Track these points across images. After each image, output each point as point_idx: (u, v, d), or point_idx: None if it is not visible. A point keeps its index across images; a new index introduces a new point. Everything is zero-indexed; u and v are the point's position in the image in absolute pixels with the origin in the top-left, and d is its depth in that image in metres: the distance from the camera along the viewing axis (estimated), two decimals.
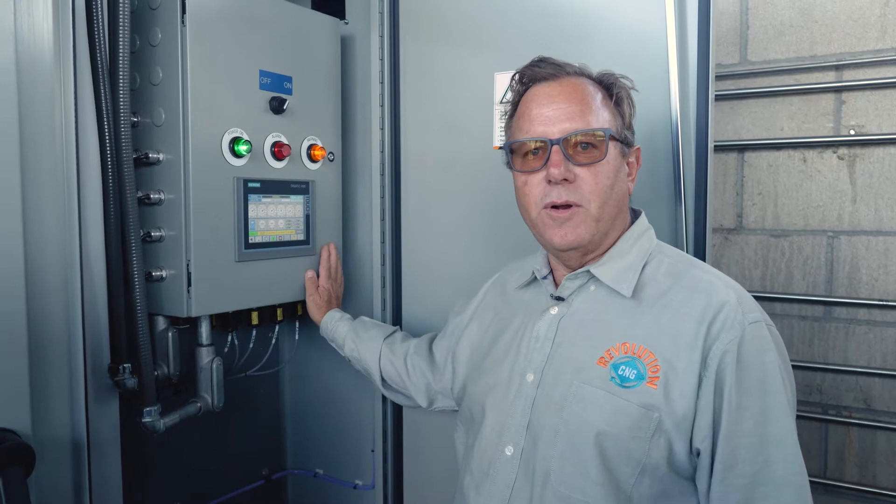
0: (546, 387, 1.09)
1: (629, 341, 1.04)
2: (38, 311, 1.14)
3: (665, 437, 0.99)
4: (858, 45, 2.05)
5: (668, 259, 1.12)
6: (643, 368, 1.01)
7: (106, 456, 1.34)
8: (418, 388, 1.51)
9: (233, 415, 1.79)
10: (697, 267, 1.11)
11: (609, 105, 1.11)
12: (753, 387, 0.97)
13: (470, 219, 1.68)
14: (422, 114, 1.74)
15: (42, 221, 1.16)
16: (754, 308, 1.03)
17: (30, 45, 1.12)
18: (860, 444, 2.12)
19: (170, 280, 1.44)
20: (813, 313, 2.16)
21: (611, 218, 1.11)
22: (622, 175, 1.12)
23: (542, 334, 1.14)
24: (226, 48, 1.46)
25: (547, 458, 1.05)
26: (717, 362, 0.98)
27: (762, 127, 2.18)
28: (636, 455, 0.99)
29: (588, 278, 1.13)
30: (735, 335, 0.98)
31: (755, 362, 0.98)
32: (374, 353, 1.57)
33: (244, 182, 1.50)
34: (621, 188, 1.11)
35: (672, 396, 0.99)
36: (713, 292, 1.03)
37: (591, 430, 1.01)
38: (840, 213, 2.11)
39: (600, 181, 1.07)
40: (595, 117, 1.08)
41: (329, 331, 1.65)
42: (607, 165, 1.08)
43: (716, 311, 1.01)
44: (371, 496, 1.87)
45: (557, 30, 1.52)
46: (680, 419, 0.98)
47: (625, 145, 1.13)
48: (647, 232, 1.17)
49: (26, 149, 1.11)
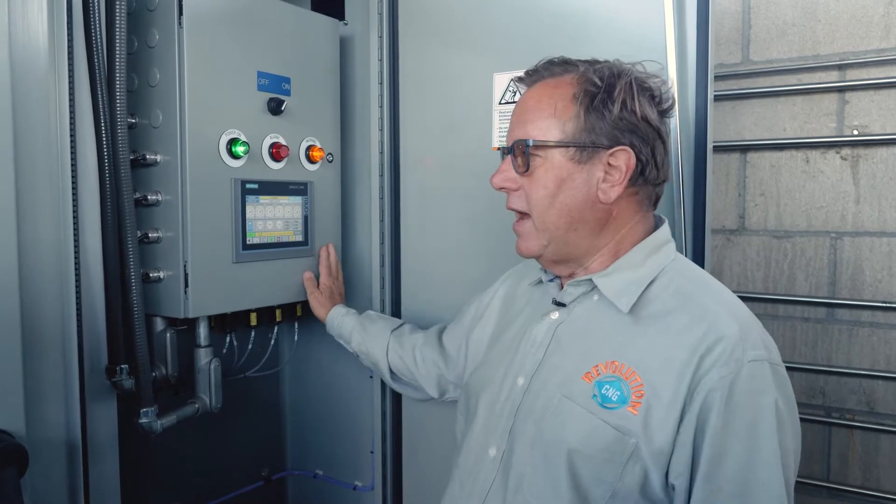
0: (532, 394, 1.07)
1: (618, 360, 1.00)
2: (32, 312, 1.14)
3: (641, 465, 0.94)
4: (862, 44, 2.03)
5: (681, 278, 1.05)
6: (627, 391, 0.97)
7: (104, 457, 1.34)
8: (428, 379, 1.49)
9: (233, 415, 1.79)
10: (708, 292, 1.03)
11: (574, 109, 1.03)
12: (741, 430, 0.91)
13: (469, 219, 1.67)
14: (421, 114, 1.73)
15: (37, 222, 1.16)
16: (758, 344, 0.95)
17: (24, 47, 1.12)
18: (863, 447, 2.11)
19: (167, 281, 1.45)
20: (816, 315, 2.15)
21: (562, 228, 1.05)
22: (577, 182, 1.03)
23: (538, 339, 1.11)
24: (223, 49, 1.46)
25: (521, 466, 1.03)
26: (703, 399, 0.92)
27: (764, 127, 2.17)
28: (608, 478, 0.96)
29: (591, 287, 1.08)
30: (728, 372, 0.92)
31: (748, 403, 0.92)
32: (381, 345, 1.55)
33: (242, 183, 1.50)
34: (573, 196, 1.04)
35: (651, 425, 0.94)
36: (715, 322, 0.96)
37: (564, 447, 0.99)
38: (843, 213, 2.10)
39: (536, 190, 1.05)
40: (535, 125, 1.04)
41: (336, 326, 1.63)
42: (546, 174, 1.03)
43: (712, 343, 0.94)
44: (370, 497, 1.87)
45: (556, 30, 1.52)
46: (657, 451, 0.94)
47: (582, 150, 1.02)
48: (666, 246, 1.09)
49: (21, 150, 1.11)
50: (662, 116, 1.06)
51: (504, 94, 1.59)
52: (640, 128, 1.02)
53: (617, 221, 1.07)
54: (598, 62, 1.07)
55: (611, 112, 1.01)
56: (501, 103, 1.59)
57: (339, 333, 1.63)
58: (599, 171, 1.03)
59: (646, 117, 1.02)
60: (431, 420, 1.75)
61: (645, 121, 1.02)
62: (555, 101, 1.04)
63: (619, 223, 1.07)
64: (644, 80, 1.04)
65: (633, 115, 1.02)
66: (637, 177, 1.04)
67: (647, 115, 1.02)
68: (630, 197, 1.06)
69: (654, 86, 1.05)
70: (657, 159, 1.05)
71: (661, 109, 1.06)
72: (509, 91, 1.58)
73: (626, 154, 1.02)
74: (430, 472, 1.78)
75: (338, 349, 1.73)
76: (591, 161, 1.03)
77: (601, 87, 1.02)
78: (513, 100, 1.57)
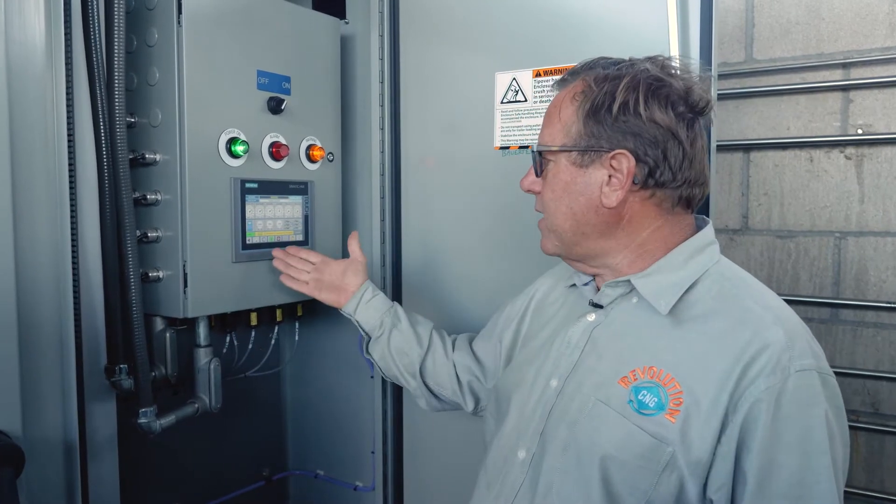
0: (565, 397, 1.04)
1: (657, 365, 0.97)
2: (28, 311, 1.14)
3: (677, 475, 0.91)
4: (866, 42, 2.02)
5: (724, 281, 1.01)
6: (665, 398, 0.94)
7: (103, 457, 1.34)
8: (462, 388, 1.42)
9: (233, 415, 1.78)
10: (751, 295, 1.00)
11: (576, 112, 1.02)
12: (792, 443, 0.88)
13: (470, 219, 1.66)
14: (422, 114, 1.73)
15: (34, 221, 1.16)
16: (806, 352, 0.91)
17: (21, 45, 1.11)
18: (867, 448, 2.09)
19: (167, 281, 1.44)
20: (819, 315, 2.14)
21: (569, 231, 1.06)
22: (580, 187, 1.02)
23: (573, 341, 1.08)
24: (223, 48, 1.45)
25: (552, 471, 1.01)
26: (747, 410, 0.88)
27: (768, 126, 2.15)
28: (642, 486, 0.93)
29: (630, 289, 1.05)
30: (775, 383, 0.88)
31: (797, 415, 0.88)
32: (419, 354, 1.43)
33: (241, 182, 1.50)
34: (577, 200, 1.03)
35: (690, 435, 0.91)
36: (760, 328, 0.93)
37: (599, 452, 0.96)
38: (847, 213, 2.08)
39: (546, 194, 1.08)
40: (547, 131, 1.07)
41: (367, 308, 1.46)
42: (555, 178, 1.06)
43: (757, 351, 0.90)
44: (371, 498, 1.87)
45: (558, 29, 1.51)
46: (694, 462, 0.91)
47: (591, 153, 1.01)
48: (709, 247, 1.05)
49: (17, 148, 1.11)
50: (681, 117, 1.00)
51: (506, 94, 1.58)
52: (646, 130, 0.98)
53: (631, 225, 1.03)
54: (621, 62, 1.04)
55: (610, 115, 0.99)
56: (503, 103, 1.59)
57: (367, 325, 1.47)
58: (603, 174, 1.01)
59: (653, 119, 0.98)
60: (433, 420, 1.74)
61: (652, 122, 0.98)
62: (562, 107, 1.05)
63: (634, 226, 1.04)
64: (658, 80, 1.00)
65: (636, 117, 0.98)
66: (646, 179, 1.00)
67: (654, 117, 0.98)
68: (644, 200, 1.02)
69: (677, 86, 1.00)
70: (671, 161, 1.00)
71: (678, 111, 1.00)
72: (511, 90, 1.57)
73: (626, 158, 0.99)
74: (431, 472, 1.78)
75: (339, 349, 1.73)
76: (593, 165, 1.01)
77: (601, 91, 1.00)
78: (514, 99, 1.57)
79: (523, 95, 1.56)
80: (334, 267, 1.51)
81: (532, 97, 1.55)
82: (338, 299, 1.48)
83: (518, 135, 1.57)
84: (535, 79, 1.54)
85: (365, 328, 1.46)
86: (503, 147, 1.59)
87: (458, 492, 1.67)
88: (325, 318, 1.90)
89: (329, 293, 1.49)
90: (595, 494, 0.96)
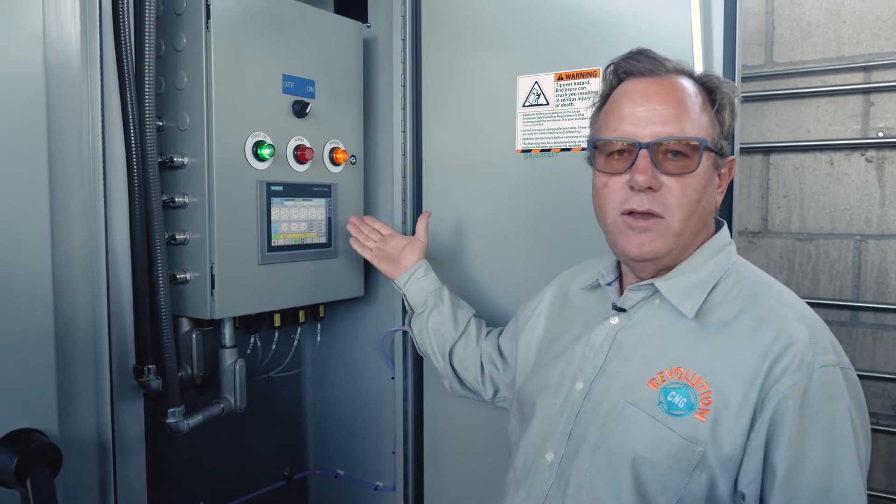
0: (592, 399, 1.05)
1: (684, 366, 0.98)
2: (64, 313, 1.16)
3: (708, 473, 0.93)
4: (888, 45, 2.01)
5: (744, 281, 1.03)
6: (694, 398, 0.95)
7: (130, 456, 1.36)
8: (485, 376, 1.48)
9: (255, 415, 1.80)
10: (772, 294, 1.01)
11: (709, 111, 1.02)
12: (818, 437, 0.90)
13: (492, 221, 1.67)
14: (444, 117, 1.74)
15: (69, 224, 1.17)
16: (829, 349, 0.94)
17: (58, 51, 1.13)
18: (888, 451, 2.09)
19: (194, 282, 1.46)
20: (840, 318, 2.13)
21: (692, 233, 1.03)
22: (711, 188, 1.03)
23: (597, 344, 1.09)
24: (249, 53, 1.47)
25: (582, 472, 1.02)
26: (775, 405, 0.90)
27: (788, 129, 2.15)
28: (673, 486, 0.94)
29: (653, 291, 1.07)
30: (800, 378, 0.90)
31: (823, 410, 0.90)
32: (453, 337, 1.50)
33: (267, 185, 1.51)
34: (708, 202, 1.03)
35: (720, 433, 0.93)
36: (784, 326, 0.94)
37: (629, 454, 0.97)
38: (868, 216, 2.08)
39: (687, 193, 0.99)
40: (691, 124, 0.99)
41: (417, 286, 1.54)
42: (697, 177, 0.99)
43: (783, 348, 0.92)
44: (392, 498, 1.88)
45: (580, 31, 1.51)
46: (725, 458, 0.92)
47: (719, 156, 1.03)
48: (727, 248, 1.07)
49: (54, 152, 1.12)
50: None
51: (527, 97, 1.59)
52: (731, 138, 1.05)
53: None
54: (686, 65, 1.06)
55: (723, 119, 1.03)
56: (525, 106, 1.59)
57: (417, 300, 1.55)
58: (716, 177, 1.05)
59: (733, 129, 1.05)
60: (454, 421, 1.75)
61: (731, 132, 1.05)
62: (697, 100, 1.02)
63: None
64: (733, 92, 1.05)
65: (731, 126, 1.04)
66: None
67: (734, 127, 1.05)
68: None
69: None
70: None
71: None
72: (533, 94, 1.58)
73: (733, 163, 1.05)
74: (451, 472, 1.78)
75: (360, 350, 1.74)
76: (718, 167, 1.05)
77: (716, 97, 1.03)
78: (536, 102, 1.57)
79: (545, 99, 1.56)
80: (398, 241, 1.61)
81: (554, 101, 1.55)
82: (392, 271, 1.58)
83: (540, 138, 1.57)
84: (557, 82, 1.54)
85: (410, 302, 1.56)
86: (525, 150, 1.60)
87: (479, 493, 1.69)
88: (347, 319, 1.91)
89: (387, 264, 1.59)
90: (627, 495, 0.97)
